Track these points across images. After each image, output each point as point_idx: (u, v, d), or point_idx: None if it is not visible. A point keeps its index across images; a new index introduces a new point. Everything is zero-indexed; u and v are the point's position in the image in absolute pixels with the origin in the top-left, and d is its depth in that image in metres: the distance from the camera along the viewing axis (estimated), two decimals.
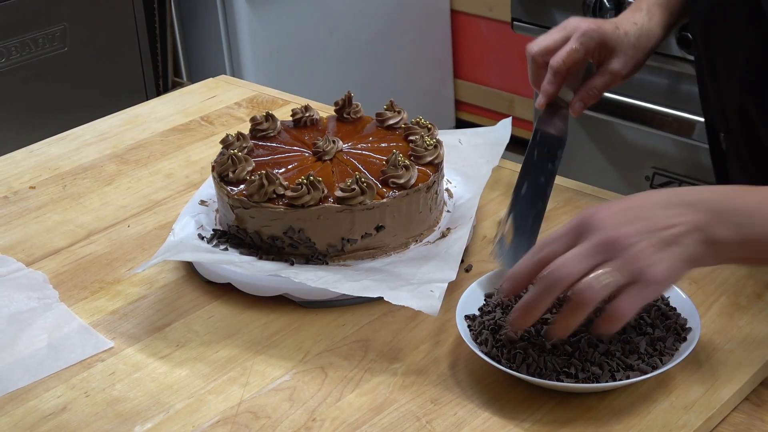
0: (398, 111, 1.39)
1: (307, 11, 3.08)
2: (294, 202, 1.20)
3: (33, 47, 2.48)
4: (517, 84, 3.47)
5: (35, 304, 1.22)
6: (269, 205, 1.21)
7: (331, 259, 1.23)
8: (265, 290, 1.21)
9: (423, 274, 1.18)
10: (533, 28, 2.40)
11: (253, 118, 1.38)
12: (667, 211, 0.94)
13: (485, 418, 1.01)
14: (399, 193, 1.22)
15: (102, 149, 1.61)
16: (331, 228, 1.21)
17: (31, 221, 1.42)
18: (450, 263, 1.20)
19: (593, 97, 1.32)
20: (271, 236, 1.22)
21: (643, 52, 1.32)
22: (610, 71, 1.31)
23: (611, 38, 1.30)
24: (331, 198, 1.21)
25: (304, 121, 1.40)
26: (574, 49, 1.29)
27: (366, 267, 1.22)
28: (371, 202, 1.21)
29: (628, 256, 0.91)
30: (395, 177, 1.23)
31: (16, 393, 1.09)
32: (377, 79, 3.34)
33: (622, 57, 1.31)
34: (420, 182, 1.24)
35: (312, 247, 1.22)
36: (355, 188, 1.20)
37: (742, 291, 1.18)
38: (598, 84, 1.32)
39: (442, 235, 1.27)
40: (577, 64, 1.31)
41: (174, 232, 1.27)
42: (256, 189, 1.21)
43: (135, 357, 1.13)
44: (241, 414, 1.04)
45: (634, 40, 1.31)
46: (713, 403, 1.01)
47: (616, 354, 1.02)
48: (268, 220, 1.22)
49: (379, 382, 1.07)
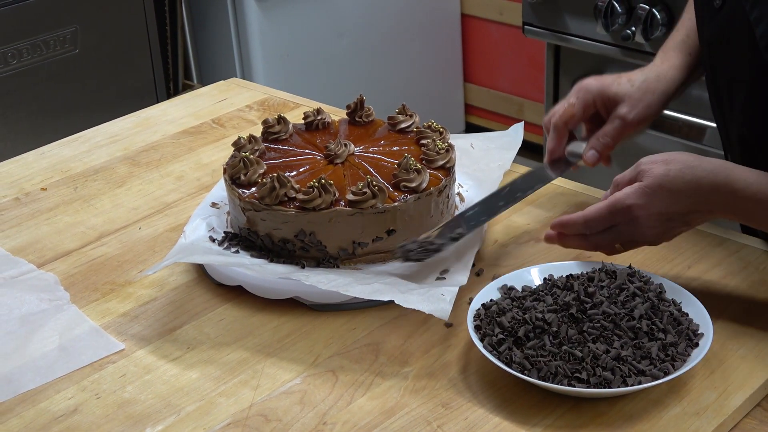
0: (410, 115, 1.38)
1: (317, 14, 3.09)
2: (305, 205, 1.20)
3: (44, 49, 2.49)
4: (527, 88, 3.47)
5: (46, 306, 1.22)
6: (281, 207, 1.21)
7: (342, 263, 1.23)
8: (275, 293, 1.21)
9: (434, 279, 1.18)
10: (544, 32, 2.40)
11: (265, 121, 1.38)
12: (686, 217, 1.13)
13: (496, 423, 1.01)
14: (410, 197, 1.22)
15: (113, 151, 1.61)
16: (343, 231, 1.21)
17: (43, 223, 1.42)
18: (461, 268, 1.19)
19: (605, 144, 1.32)
20: (282, 239, 1.22)
21: (654, 95, 1.32)
22: (617, 116, 1.32)
23: (611, 87, 1.32)
24: (342, 201, 1.21)
25: (316, 124, 1.40)
26: (570, 104, 1.33)
27: (377, 270, 1.21)
28: (382, 205, 1.21)
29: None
30: (407, 181, 1.23)
31: (27, 394, 1.09)
32: (387, 82, 3.34)
33: (628, 102, 1.31)
34: (432, 186, 1.24)
35: (323, 250, 1.22)
36: (367, 191, 1.20)
37: (755, 296, 1.17)
38: (607, 130, 1.32)
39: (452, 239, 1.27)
40: (573, 118, 1.33)
41: (185, 234, 1.27)
42: (268, 192, 1.21)
43: (146, 359, 1.13)
44: (252, 417, 1.04)
45: (639, 84, 1.32)
46: (725, 409, 1.01)
47: (628, 359, 1.01)
48: (279, 223, 1.22)
49: (390, 385, 1.07)
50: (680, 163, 1.10)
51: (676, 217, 1.12)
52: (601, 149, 1.32)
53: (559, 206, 1.38)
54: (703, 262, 1.24)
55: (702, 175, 1.10)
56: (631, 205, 1.11)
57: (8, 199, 1.48)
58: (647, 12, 2.20)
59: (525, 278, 1.16)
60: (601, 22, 2.27)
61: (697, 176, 1.10)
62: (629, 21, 2.25)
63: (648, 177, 1.11)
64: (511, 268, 1.22)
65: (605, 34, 2.29)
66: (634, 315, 1.06)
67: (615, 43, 2.28)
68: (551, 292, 1.10)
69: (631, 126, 1.31)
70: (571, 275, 1.14)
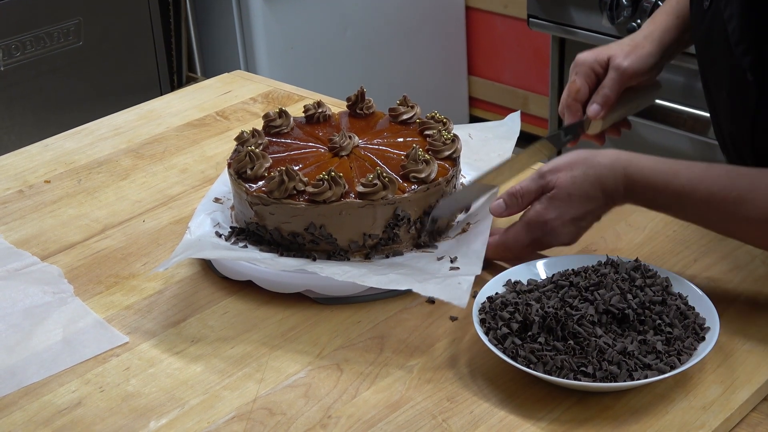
0: (411, 106, 1.38)
1: (321, 7, 3.08)
2: (315, 198, 1.19)
3: (48, 41, 2.48)
4: (532, 81, 3.46)
5: (50, 299, 1.22)
6: (290, 201, 1.21)
7: (353, 255, 1.22)
8: (287, 287, 1.20)
9: (447, 269, 1.18)
10: (549, 25, 2.40)
11: (266, 115, 1.37)
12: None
13: (502, 417, 1.01)
14: (420, 188, 1.22)
15: (117, 144, 1.61)
16: (353, 223, 1.20)
17: (47, 215, 1.41)
18: (473, 258, 1.19)
19: (604, 96, 1.34)
20: (291, 233, 1.22)
21: (643, 48, 1.35)
22: (612, 67, 1.34)
23: (602, 52, 1.35)
24: (352, 193, 1.21)
25: (317, 117, 1.39)
26: (571, 82, 1.36)
27: (388, 262, 1.21)
28: (393, 196, 1.20)
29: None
30: (416, 171, 1.23)
31: (30, 387, 1.09)
32: (391, 75, 3.33)
33: (620, 54, 1.34)
34: (440, 176, 1.24)
35: (333, 243, 1.21)
36: (377, 183, 1.19)
37: (761, 290, 1.17)
38: (605, 82, 1.35)
39: (462, 230, 1.26)
40: (579, 92, 1.36)
41: (190, 230, 1.26)
42: (276, 185, 1.21)
43: (150, 352, 1.13)
44: (257, 410, 1.03)
45: (627, 41, 1.36)
46: (732, 404, 1.01)
47: (634, 353, 1.01)
48: (288, 217, 1.21)
49: (395, 379, 1.07)
50: (582, 165, 1.15)
51: (587, 216, 1.18)
52: (602, 101, 1.35)
53: None
54: (709, 256, 1.24)
55: (603, 172, 1.15)
56: (546, 220, 1.17)
57: (12, 192, 1.48)
58: (653, 4, 2.19)
59: (531, 272, 1.16)
60: (607, 15, 2.26)
61: (599, 174, 1.15)
62: (635, 13, 2.24)
63: (556, 188, 1.16)
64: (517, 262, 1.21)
65: (610, 27, 2.28)
66: (640, 309, 1.05)
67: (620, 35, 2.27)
68: (557, 286, 1.10)
69: (627, 75, 1.34)
70: (577, 269, 1.13)
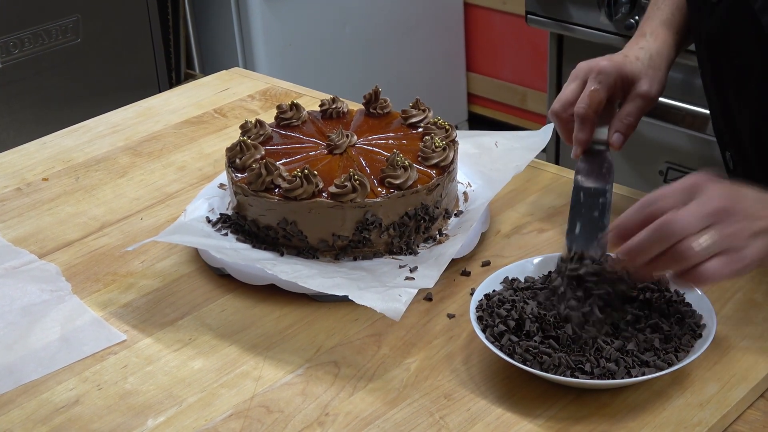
0: (423, 109, 1.36)
1: (320, 4, 3.08)
2: (288, 194, 1.20)
3: (46, 38, 2.48)
4: (530, 78, 3.46)
5: (48, 297, 1.22)
6: (265, 194, 1.21)
7: (322, 254, 1.22)
8: (254, 279, 1.21)
9: (402, 278, 1.17)
10: (547, 22, 2.39)
11: (279, 106, 1.38)
12: (761, 204, 1.01)
13: (499, 414, 1.01)
14: (394, 194, 1.21)
15: (115, 141, 1.61)
16: (323, 223, 1.21)
17: (44, 213, 1.41)
18: (434, 271, 1.17)
19: (629, 125, 1.26)
20: (266, 226, 1.23)
21: (661, 71, 1.28)
22: (638, 94, 1.26)
23: (627, 67, 1.26)
24: (325, 193, 1.20)
25: (330, 112, 1.39)
26: (594, 90, 1.24)
27: (352, 265, 1.21)
28: (363, 200, 1.20)
29: (732, 231, 0.98)
30: (392, 177, 1.22)
31: (28, 385, 1.09)
32: (390, 72, 3.33)
33: (645, 79, 1.26)
34: (420, 184, 1.23)
35: (304, 240, 1.22)
36: (348, 185, 1.19)
37: (758, 287, 1.17)
38: (630, 110, 1.26)
39: (438, 241, 1.26)
40: (601, 104, 1.25)
41: (186, 213, 1.29)
42: (255, 178, 1.22)
43: (148, 350, 1.13)
44: (254, 408, 1.03)
45: (648, 62, 1.27)
46: (729, 401, 1.01)
47: (632, 350, 1.01)
48: (264, 210, 1.22)
49: (392, 377, 1.07)
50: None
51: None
52: (625, 131, 1.25)
53: (563, 196, 1.38)
54: None
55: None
56: (700, 180, 1.00)
57: (10, 190, 1.48)
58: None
59: (528, 269, 1.16)
60: (605, 11, 2.26)
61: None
62: (633, 10, 2.23)
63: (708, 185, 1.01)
64: (514, 259, 1.21)
65: (609, 24, 2.27)
66: (638, 306, 1.05)
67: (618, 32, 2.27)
68: (554, 283, 1.10)
69: (651, 102, 1.26)
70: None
